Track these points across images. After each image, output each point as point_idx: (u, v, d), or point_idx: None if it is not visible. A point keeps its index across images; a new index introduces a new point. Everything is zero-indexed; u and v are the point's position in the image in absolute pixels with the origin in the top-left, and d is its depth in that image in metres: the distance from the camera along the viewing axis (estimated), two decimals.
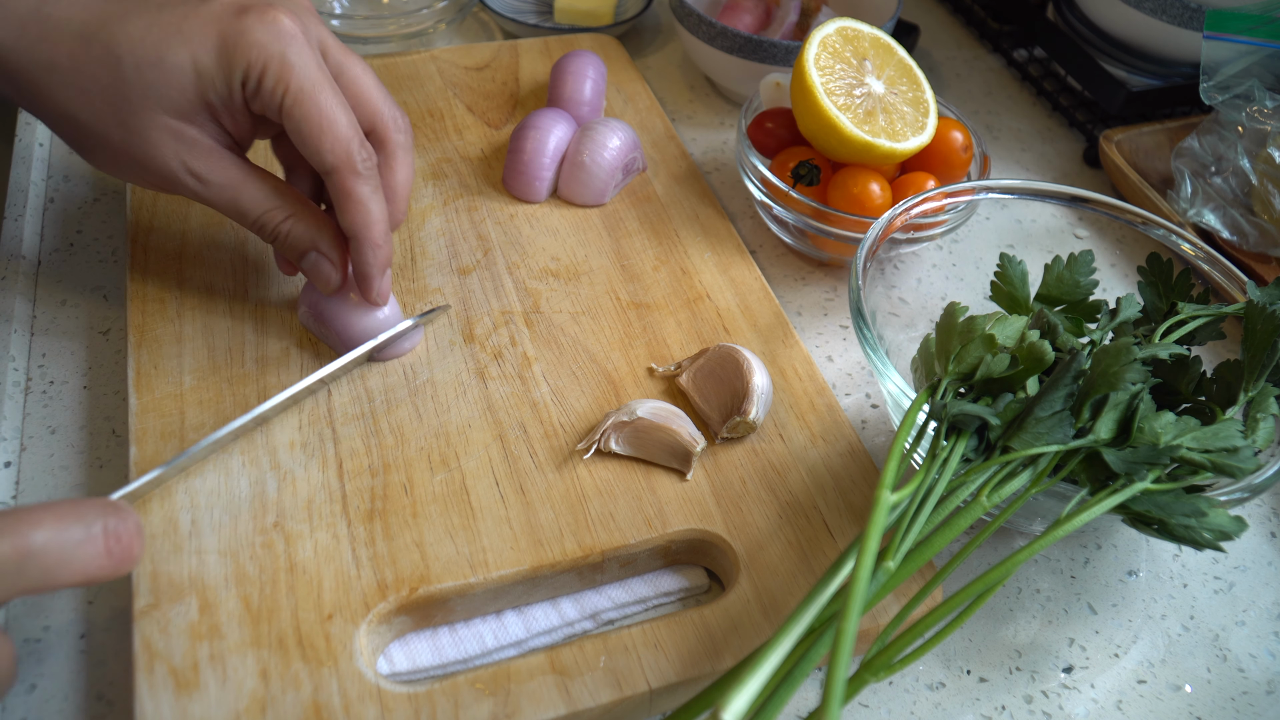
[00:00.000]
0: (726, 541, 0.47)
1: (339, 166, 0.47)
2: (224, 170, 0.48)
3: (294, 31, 0.46)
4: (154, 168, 0.48)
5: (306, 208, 0.50)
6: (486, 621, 0.46)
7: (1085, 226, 0.64)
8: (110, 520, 0.37)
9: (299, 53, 0.46)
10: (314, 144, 0.47)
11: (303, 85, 0.46)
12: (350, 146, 0.47)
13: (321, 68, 0.47)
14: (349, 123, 0.47)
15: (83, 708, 0.43)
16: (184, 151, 0.47)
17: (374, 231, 0.49)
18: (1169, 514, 0.42)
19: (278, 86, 0.46)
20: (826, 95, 0.58)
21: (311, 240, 0.50)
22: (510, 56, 0.75)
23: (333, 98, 0.47)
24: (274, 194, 0.49)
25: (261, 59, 0.46)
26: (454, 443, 0.50)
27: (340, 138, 0.47)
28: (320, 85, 0.47)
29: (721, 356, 0.52)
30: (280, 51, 0.46)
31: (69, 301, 0.58)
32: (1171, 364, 0.50)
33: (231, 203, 0.49)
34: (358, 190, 0.48)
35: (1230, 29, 0.68)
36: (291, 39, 0.46)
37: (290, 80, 0.46)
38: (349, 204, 0.48)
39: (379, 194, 0.49)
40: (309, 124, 0.47)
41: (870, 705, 0.46)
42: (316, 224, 0.50)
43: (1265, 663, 0.49)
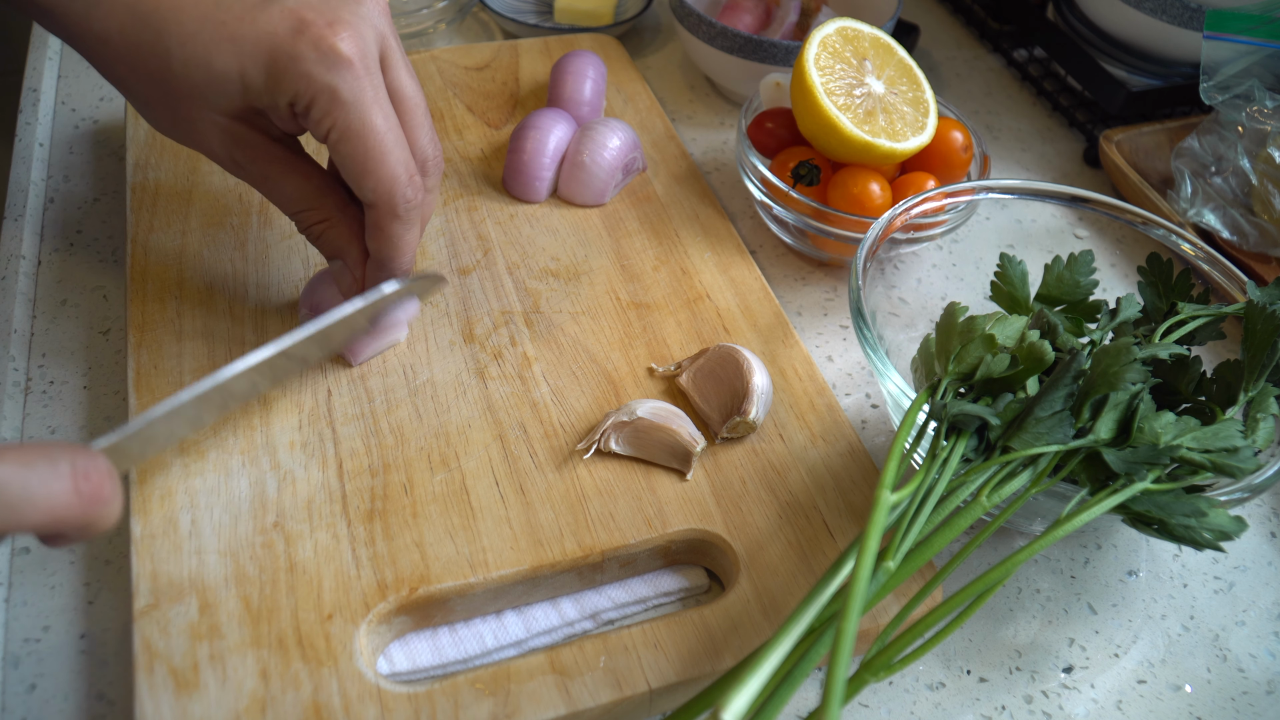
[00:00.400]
0: (726, 541, 0.47)
1: (378, 205, 0.46)
2: (268, 163, 0.48)
3: (349, 60, 0.43)
4: (201, 147, 0.47)
5: (343, 215, 0.49)
6: (486, 621, 0.46)
7: (1085, 226, 0.64)
8: (79, 459, 0.35)
9: (351, 86, 0.44)
10: (357, 181, 0.46)
11: (350, 124, 0.44)
12: (394, 188, 0.46)
13: (377, 99, 0.45)
14: (398, 160, 0.45)
15: (83, 708, 0.43)
16: (229, 142, 0.47)
17: (396, 265, 0.49)
18: (1169, 514, 0.42)
19: (325, 120, 0.44)
20: (826, 95, 0.58)
21: (340, 250, 0.50)
22: (510, 56, 0.75)
23: (385, 138, 0.45)
24: (314, 194, 0.49)
25: (310, 91, 0.43)
26: (454, 443, 0.50)
27: (384, 179, 0.45)
28: (370, 125, 0.44)
29: (721, 356, 0.52)
30: (330, 85, 0.43)
31: (69, 301, 0.58)
32: (1171, 364, 0.50)
33: (270, 193, 0.49)
34: (392, 230, 0.47)
35: (1230, 29, 0.68)
36: (345, 69, 0.43)
37: (338, 117, 0.44)
38: (380, 239, 0.48)
39: (413, 231, 0.48)
40: (354, 163, 0.45)
41: (870, 705, 0.46)
42: (348, 236, 0.49)
43: (1265, 663, 0.49)
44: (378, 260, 0.49)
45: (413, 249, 0.49)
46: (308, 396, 0.51)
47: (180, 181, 0.61)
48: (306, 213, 0.49)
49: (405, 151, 0.46)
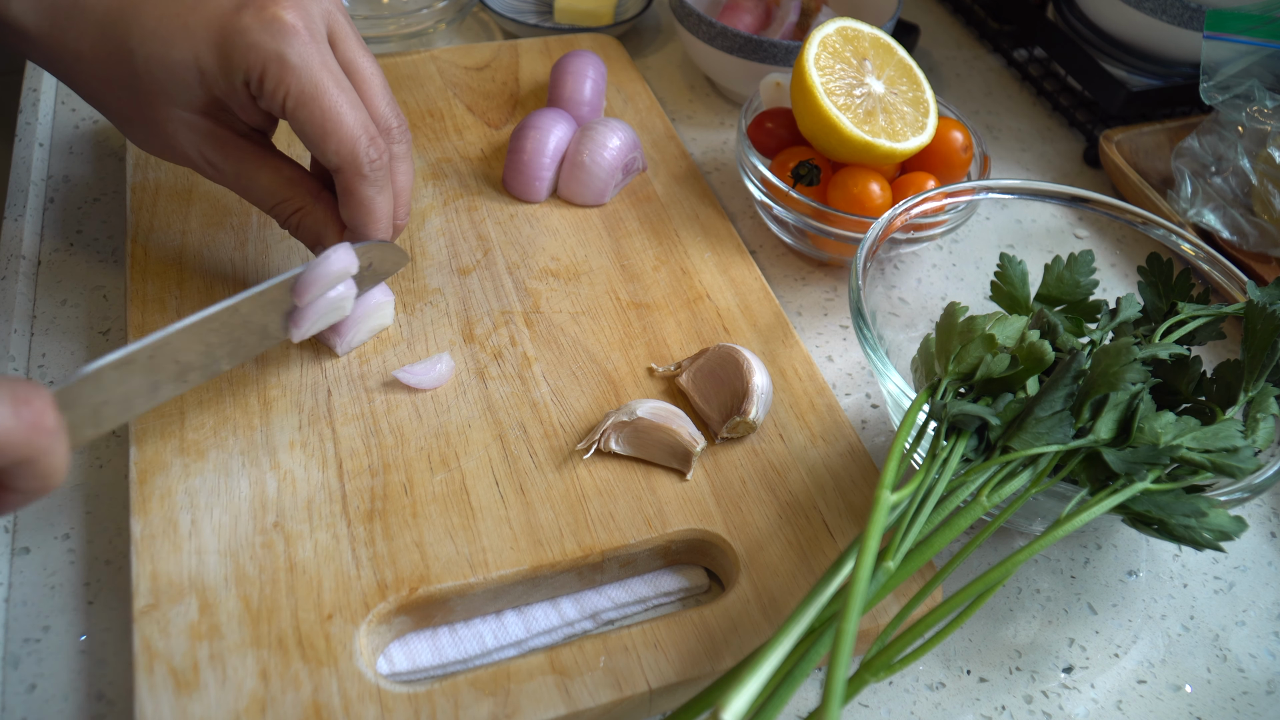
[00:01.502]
0: (726, 541, 0.47)
1: (343, 168, 0.47)
2: (239, 159, 0.49)
3: (293, 26, 0.45)
4: (174, 151, 0.49)
5: (318, 201, 0.50)
6: (486, 621, 0.46)
7: (1085, 226, 0.64)
8: (19, 386, 0.34)
9: (299, 51, 0.45)
10: (318, 146, 0.46)
11: (304, 88, 0.45)
12: (356, 147, 0.47)
13: (326, 64, 0.46)
14: (355, 121, 0.46)
15: (83, 708, 0.43)
16: (199, 141, 0.48)
17: (372, 230, 0.49)
18: (1169, 514, 0.42)
19: (278, 89, 0.45)
20: (826, 95, 0.58)
21: (319, 235, 0.51)
22: (510, 56, 0.75)
23: (338, 97, 0.46)
24: (287, 185, 0.50)
25: (259, 61, 0.44)
26: (454, 443, 0.50)
27: (345, 139, 0.46)
28: (322, 86, 0.45)
29: (721, 356, 0.52)
30: (278, 51, 0.44)
31: (69, 301, 0.58)
32: (1171, 364, 0.50)
33: (245, 191, 0.50)
34: (362, 191, 0.48)
35: (1230, 29, 0.68)
36: (290, 35, 0.45)
37: (290, 83, 0.45)
38: (352, 202, 0.48)
39: (384, 193, 0.49)
40: (312, 126, 0.46)
41: (870, 705, 0.46)
42: (324, 220, 0.51)
43: (1265, 663, 0.49)
44: (353, 228, 0.49)
45: (385, 214, 0.49)
46: (308, 396, 0.51)
47: (180, 181, 0.61)
48: (283, 204, 0.50)
49: (363, 114, 0.47)
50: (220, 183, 0.50)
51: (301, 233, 0.51)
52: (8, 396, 0.34)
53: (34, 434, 0.34)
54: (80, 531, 0.48)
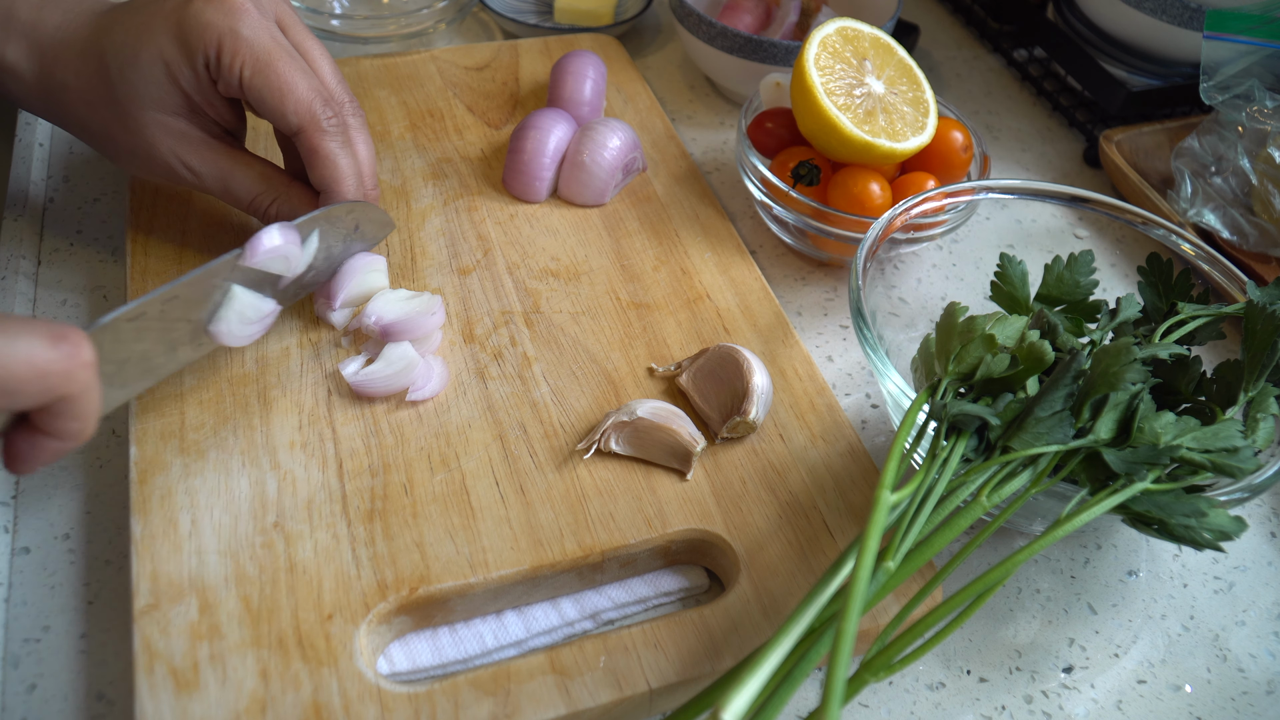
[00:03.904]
0: (726, 541, 0.47)
1: (304, 126, 0.50)
2: (214, 160, 0.52)
3: (242, 5, 0.48)
4: (156, 162, 0.51)
5: (292, 188, 0.53)
6: (486, 621, 0.46)
7: (1085, 226, 0.64)
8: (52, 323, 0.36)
9: (250, 26, 0.48)
10: (277, 110, 0.49)
11: (257, 56, 0.48)
12: (313, 106, 0.49)
13: (276, 37, 0.49)
14: (309, 85, 0.49)
15: (83, 708, 0.43)
16: (176, 145, 0.51)
17: (343, 186, 0.51)
18: (1169, 514, 0.42)
19: (234, 62, 0.48)
20: (826, 95, 0.58)
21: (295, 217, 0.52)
22: (510, 56, 0.75)
23: (290, 63, 0.49)
24: (261, 179, 0.53)
25: (215, 37, 0.48)
26: (454, 443, 0.50)
27: (302, 99, 0.49)
28: (275, 54, 0.48)
29: (721, 356, 0.52)
30: (230, 26, 0.48)
31: (69, 301, 0.58)
32: (1171, 364, 0.50)
33: (224, 190, 0.53)
34: (324, 146, 0.50)
35: (1230, 29, 0.68)
36: (240, 13, 0.48)
37: (245, 53, 0.48)
38: (316, 160, 0.51)
39: (347, 149, 0.51)
40: (270, 91, 0.49)
41: (870, 705, 0.46)
42: (300, 201, 0.53)
43: (1265, 663, 0.49)
44: (325, 189, 0.52)
45: (351, 171, 0.51)
46: (308, 396, 0.51)
47: None
48: (259, 197, 0.53)
49: (314, 80, 0.50)
50: (200, 188, 0.53)
51: (281, 219, 0.53)
52: (44, 331, 0.35)
53: (73, 365, 0.35)
54: (80, 531, 0.48)
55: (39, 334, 0.35)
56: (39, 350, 0.35)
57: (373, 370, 0.50)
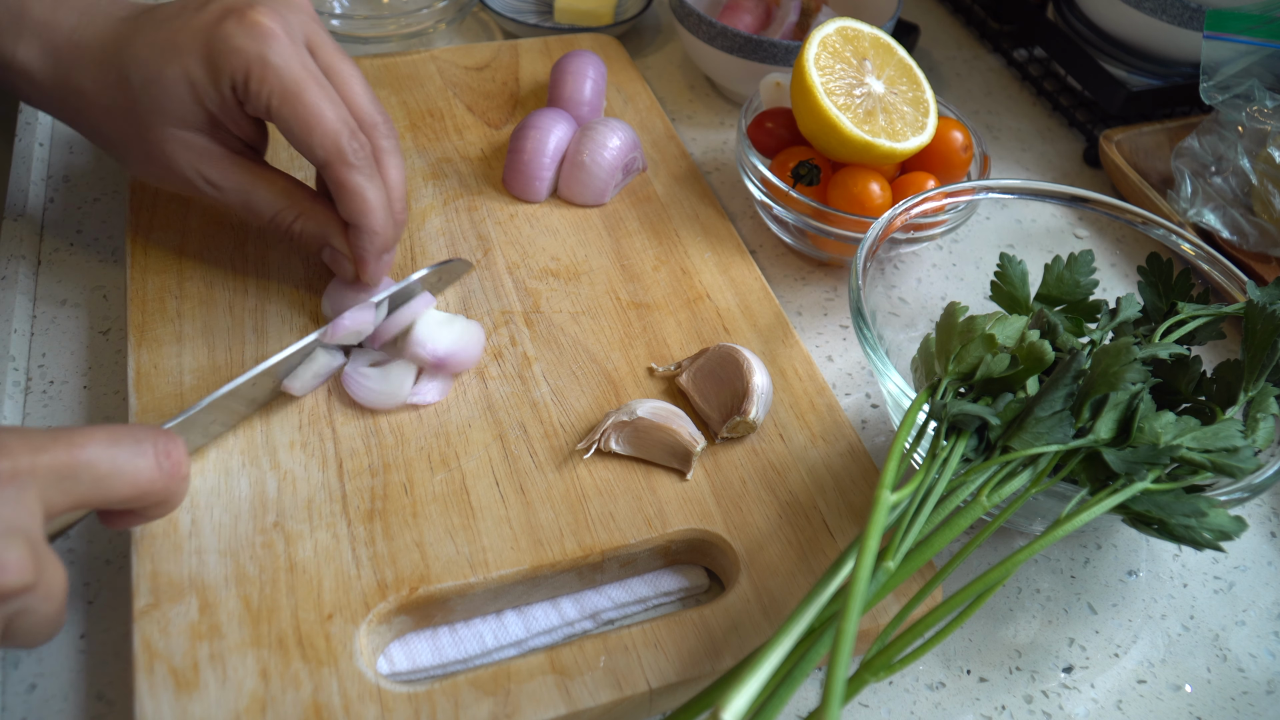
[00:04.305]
0: (726, 541, 0.47)
1: (330, 159, 0.48)
2: (236, 175, 0.51)
3: (273, 30, 0.47)
4: (175, 175, 0.50)
5: (316, 205, 0.52)
6: (486, 621, 0.46)
7: (1085, 226, 0.64)
8: (160, 439, 0.39)
9: (279, 52, 0.47)
10: (304, 141, 0.48)
11: (285, 85, 0.47)
12: (339, 139, 0.48)
13: (306, 64, 0.48)
14: (337, 116, 0.48)
15: (83, 708, 0.43)
16: (196, 160, 0.50)
17: (371, 219, 0.50)
18: (1169, 514, 0.42)
19: (262, 89, 0.47)
20: (826, 95, 0.58)
21: (322, 236, 0.52)
22: (510, 56, 0.75)
23: (318, 93, 0.48)
24: (284, 195, 0.51)
25: (243, 64, 0.46)
26: (454, 443, 0.50)
27: (329, 131, 0.48)
28: (304, 83, 0.47)
29: (721, 356, 0.52)
30: (260, 53, 0.46)
31: (69, 301, 0.58)
32: (1171, 364, 0.50)
33: (245, 205, 0.51)
34: (351, 180, 0.49)
35: (1230, 29, 0.68)
36: (271, 38, 0.47)
37: (273, 81, 0.47)
38: (344, 194, 0.49)
39: (374, 182, 0.50)
40: (297, 121, 0.47)
41: (870, 705, 0.46)
42: (325, 220, 0.52)
43: (1265, 663, 0.49)
44: (353, 223, 0.51)
45: (379, 204, 0.50)
46: (308, 396, 0.51)
47: None
48: (283, 212, 0.52)
49: (343, 110, 0.49)
50: (219, 201, 0.52)
51: (305, 237, 0.52)
52: (150, 449, 0.38)
53: (172, 482, 0.39)
54: (80, 531, 0.48)
55: (147, 455, 0.38)
56: (145, 473, 0.38)
57: (370, 380, 0.50)
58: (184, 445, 0.40)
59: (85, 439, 0.36)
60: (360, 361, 0.51)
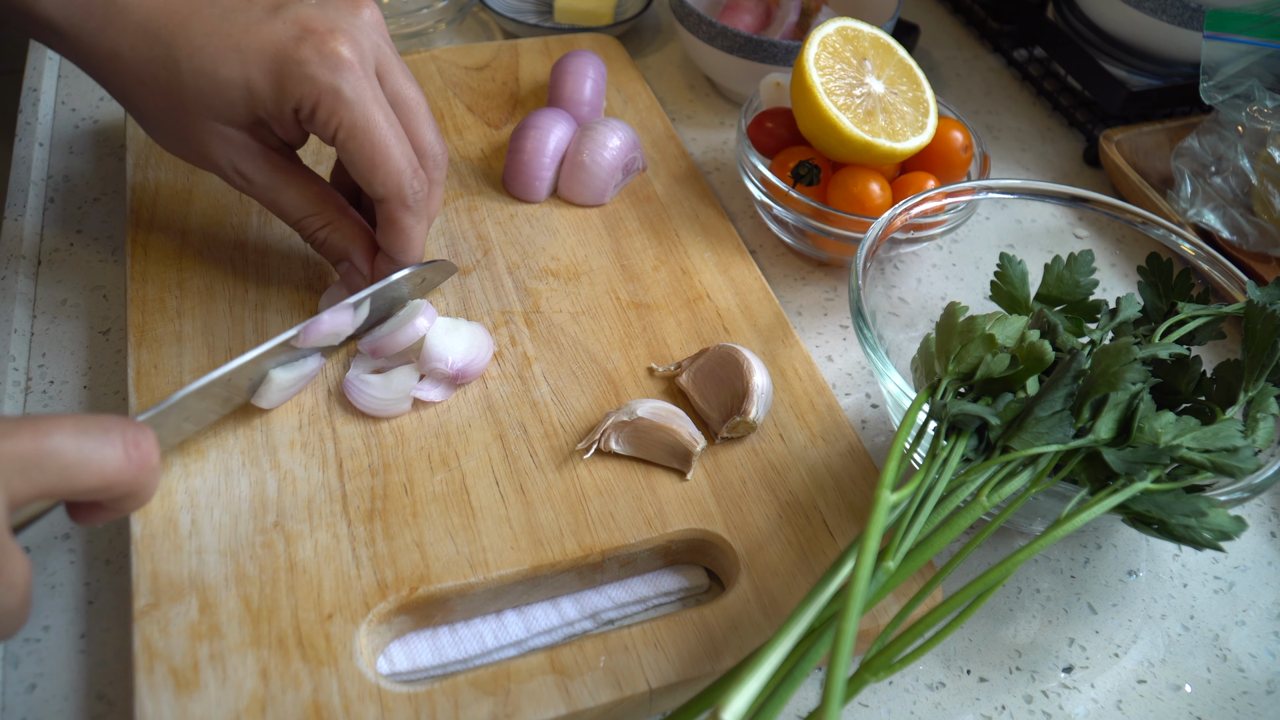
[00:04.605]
0: (726, 541, 0.47)
1: (389, 199, 0.49)
2: (269, 173, 0.50)
3: (350, 62, 0.46)
4: (204, 160, 0.50)
5: (345, 217, 0.52)
6: (486, 621, 0.46)
7: (1085, 226, 0.64)
8: (129, 429, 0.38)
9: (354, 86, 0.46)
10: (366, 177, 0.48)
11: (355, 122, 0.46)
12: (401, 180, 0.48)
13: (377, 99, 0.47)
14: (402, 154, 0.48)
15: (83, 708, 0.43)
16: (232, 153, 0.49)
17: (409, 256, 0.51)
18: (1169, 514, 0.42)
19: (331, 120, 0.46)
20: (826, 95, 0.58)
21: (345, 251, 0.52)
22: (510, 56, 0.75)
23: (387, 132, 0.47)
24: (314, 201, 0.51)
25: (315, 93, 0.46)
26: (454, 443, 0.50)
27: (392, 171, 0.48)
28: (373, 121, 0.47)
29: (721, 356, 0.52)
30: (334, 86, 0.46)
31: (69, 301, 0.58)
32: (1171, 364, 0.50)
33: (273, 203, 0.51)
34: (403, 220, 0.49)
35: (1230, 29, 0.68)
36: (348, 70, 0.46)
37: (344, 116, 0.46)
38: (391, 230, 0.50)
39: (423, 221, 0.50)
40: (362, 158, 0.47)
41: (870, 705, 0.46)
42: (352, 235, 0.52)
43: (1265, 663, 0.49)
44: (391, 254, 0.51)
45: (422, 240, 0.51)
46: (308, 396, 0.51)
47: (180, 181, 0.61)
48: (310, 218, 0.51)
49: (408, 146, 0.48)
50: (248, 193, 0.51)
51: (328, 248, 0.52)
52: (120, 440, 0.37)
53: (141, 473, 0.38)
54: (80, 531, 0.48)
55: (115, 445, 0.37)
56: (112, 462, 0.37)
57: (372, 387, 0.50)
58: (154, 437, 0.39)
59: (52, 427, 0.35)
60: (362, 368, 0.51)
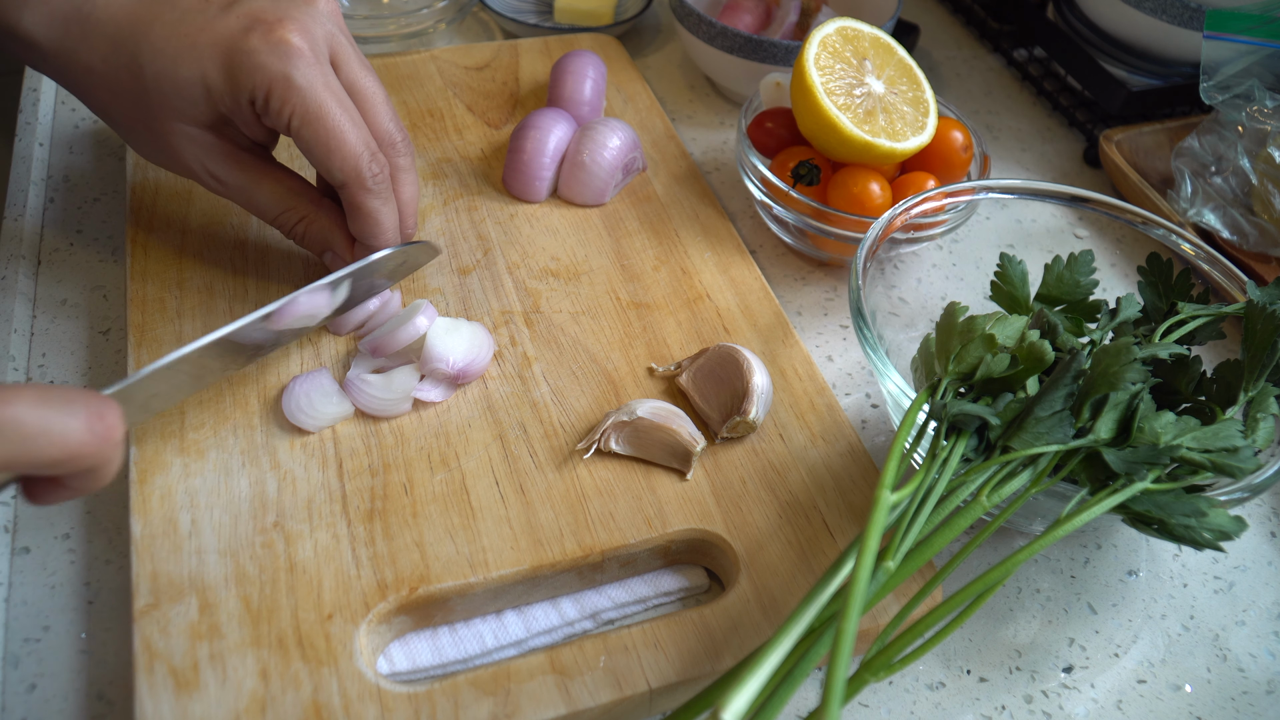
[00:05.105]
0: (726, 541, 0.47)
1: (349, 183, 0.49)
2: (241, 172, 0.50)
3: (299, 49, 0.46)
4: (178, 164, 0.50)
5: (320, 209, 0.52)
6: (486, 621, 0.46)
7: (1085, 226, 0.64)
8: (93, 400, 0.36)
9: (304, 72, 0.46)
10: (323, 163, 0.48)
11: (308, 107, 0.46)
12: (359, 163, 0.48)
13: (329, 84, 0.47)
14: (358, 138, 0.48)
15: (83, 708, 0.43)
16: (203, 155, 0.50)
17: (379, 241, 0.51)
18: (1169, 514, 0.42)
19: (284, 108, 0.46)
20: (826, 95, 0.58)
21: (325, 242, 0.53)
22: (510, 56, 0.75)
23: (341, 116, 0.47)
24: (289, 195, 0.51)
25: (266, 81, 0.46)
26: (454, 443, 0.50)
27: (349, 155, 0.48)
28: (326, 105, 0.47)
29: (721, 356, 0.52)
30: (284, 73, 0.46)
31: (69, 301, 0.58)
32: (1171, 364, 0.50)
33: (248, 203, 0.52)
34: (367, 204, 0.49)
35: (1230, 29, 0.68)
36: (296, 57, 0.46)
37: (295, 103, 0.46)
38: (358, 215, 0.50)
39: (389, 205, 0.50)
40: (317, 144, 0.47)
41: (870, 705, 0.46)
42: (330, 226, 0.52)
43: (1265, 663, 0.49)
44: (362, 240, 0.51)
45: (391, 225, 0.51)
46: None
47: (180, 181, 0.61)
48: (286, 214, 0.52)
49: (364, 131, 0.49)
50: (223, 195, 0.52)
51: (308, 241, 0.53)
52: (84, 412, 0.35)
53: (105, 446, 0.36)
54: (80, 531, 0.48)
55: (79, 416, 0.35)
56: (75, 434, 0.35)
57: (373, 387, 0.50)
58: (120, 411, 0.37)
59: (12, 396, 0.34)
60: (363, 368, 0.51)
